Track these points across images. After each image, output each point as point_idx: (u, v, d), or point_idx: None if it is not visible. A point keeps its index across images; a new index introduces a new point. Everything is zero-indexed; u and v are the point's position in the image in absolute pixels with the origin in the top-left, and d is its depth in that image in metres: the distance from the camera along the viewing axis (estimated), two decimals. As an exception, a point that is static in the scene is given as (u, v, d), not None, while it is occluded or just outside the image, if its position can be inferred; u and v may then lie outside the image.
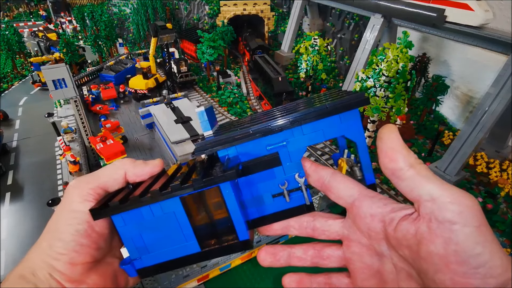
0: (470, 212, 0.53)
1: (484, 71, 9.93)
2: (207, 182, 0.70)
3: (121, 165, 0.79)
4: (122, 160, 0.81)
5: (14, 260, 6.82)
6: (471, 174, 8.97)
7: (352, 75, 11.25)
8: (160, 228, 0.76)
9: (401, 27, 10.63)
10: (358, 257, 0.76)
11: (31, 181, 9.19)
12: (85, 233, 0.73)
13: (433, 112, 11.68)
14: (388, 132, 0.68)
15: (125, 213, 0.73)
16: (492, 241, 0.52)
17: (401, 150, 0.64)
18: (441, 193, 0.56)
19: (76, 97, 8.04)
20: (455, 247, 0.52)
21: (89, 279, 0.75)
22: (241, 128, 0.80)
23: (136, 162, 0.81)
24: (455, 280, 0.52)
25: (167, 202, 0.74)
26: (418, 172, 0.61)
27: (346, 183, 0.77)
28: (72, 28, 22.99)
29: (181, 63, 13.30)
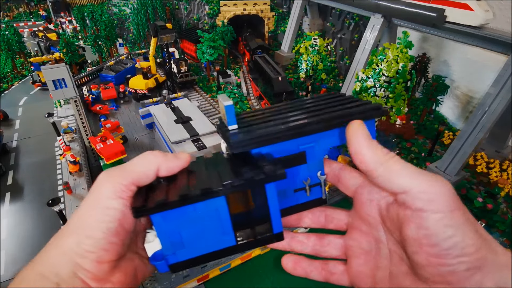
0: (441, 199, 0.57)
1: (484, 71, 9.93)
2: (260, 181, 0.71)
3: (154, 159, 0.76)
4: (154, 152, 0.78)
5: (14, 260, 6.82)
6: (471, 174, 8.97)
7: (352, 75, 11.24)
8: (199, 223, 0.76)
9: (401, 27, 10.63)
10: (357, 243, 0.82)
11: (31, 181, 9.18)
12: (116, 231, 0.69)
13: (433, 112, 11.68)
14: (352, 133, 0.71)
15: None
16: (465, 223, 0.57)
17: (367, 151, 0.67)
18: (412, 185, 0.60)
19: (76, 97, 8.04)
20: (426, 232, 0.57)
21: (113, 277, 0.72)
22: (269, 124, 0.81)
23: (167, 156, 0.78)
24: (430, 260, 0.57)
25: (213, 199, 0.74)
26: (388, 168, 0.64)
27: (352, 173, 0.83)
28: (72, 28, 22.99)
29: (181, 63, 13.30)
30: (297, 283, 6.82)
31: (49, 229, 7.51)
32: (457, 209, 0.58)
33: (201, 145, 8.60)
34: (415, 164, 9.55)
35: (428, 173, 0.62)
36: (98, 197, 0.70)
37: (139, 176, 0.73)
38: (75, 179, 8.81)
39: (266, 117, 0.87)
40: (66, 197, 8.27)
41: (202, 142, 8.72)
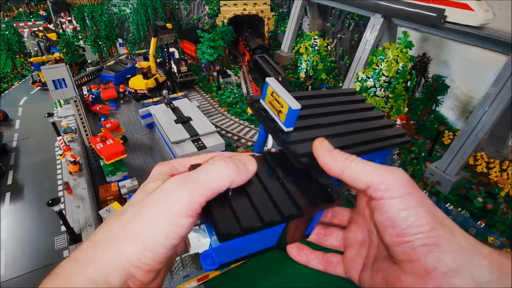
0: (396, 187, 0.67)
1: (484, 71, 9.93)
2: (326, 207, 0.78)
3: (228, 173, 0.69)
4: (227, 164, 0.70)
5: (14, 260, 6.83)
6: (471, 174, 8.97)
7: (352, 75, 11.25)
8: (255, 236, 0.74)
9: (401, 27, 10.64)
10: (353, 235, 0.91)
11: (31, 181, 9.18)
12: (174, 246, 0.66)
13: (433, 112, 11.68)
14: (316, 150, 0.77)
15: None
16: (418, 205, 0.66)
17: (330, 161, 0.75)
18: (373, 179, 0.69)
19: (76, 97, 8.04)
20: (387, 216, 0.67)
21: (154, 282, 0.70)
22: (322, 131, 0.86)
23: (239, 168, 0.71)
24: (393, 240, 0.67)
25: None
26: (350, 172, 0.73)
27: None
28: (72, 28, 22.99)
29: (181, 63, 13.30)
30: (297, 283, 6.82)
31: (49, 229, 7.51)
32: (410, 194, 0.67)
33: (201, 145, 8.61)
34: (415, 164, 9.54)
35: (386, 167, 0.71)
36: (169, 210, 0.64)
37: (213, 192, 0.68)
38: (75, 179, 8.81)
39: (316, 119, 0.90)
40: (66, 197, 8.28)
41: (202, 142, 8.72)
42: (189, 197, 0.64)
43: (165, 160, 0.81)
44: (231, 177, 0.69)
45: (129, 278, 0.64)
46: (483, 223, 7.65)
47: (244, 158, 0.76)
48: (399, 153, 10.10)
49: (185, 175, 0.68)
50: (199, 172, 0.68)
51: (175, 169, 0.80)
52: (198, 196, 0.65)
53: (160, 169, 0.79)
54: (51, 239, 7.24)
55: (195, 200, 0.64)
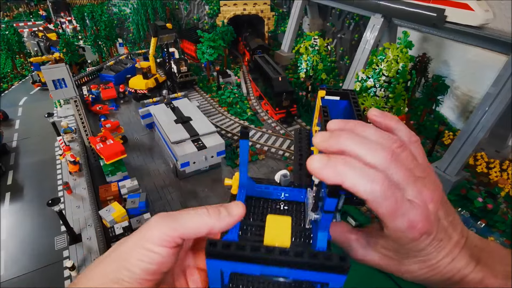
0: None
1: (484, 71, 9.92)
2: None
3: (208, 220, 0.75)
4: (207, 210, 0.77)
5: (14, 260, 6.83)
6: (471, 174, 8.96)
7: (352, 75, 11.24)
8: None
9: (401, 27, 10.63)
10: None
11: (31, 181, 9.18)
12: (152, 271, 0.75)
13: (433, 112, 11.68)
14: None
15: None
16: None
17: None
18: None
19: (76, 97, 8.04)
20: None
21: None
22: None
23: (221, 215, 0.77)
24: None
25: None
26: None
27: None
28: (72, 28, 22.98)
29: (181, 63, 13.30)
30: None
31: (49, 229, 7.51)
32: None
33: (201, 145, 8.61)
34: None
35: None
36: (145, 238, 0.75)
37: (188, 232, 0.75)
38: (75, 179, 8.81)
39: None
40: (66, 197, 8.28)
41: (202, 142, 8.72)
42: (164, 229, 0.73)
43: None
44: (210, 222, 0.75)
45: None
46: (483, 223, 7.65)
47: (230, 204, 0.81)
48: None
49: (168, 214, 0.78)
50: (181, 213, 0.78)
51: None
52: (172, 231, 0.73)
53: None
54: (51, 239, 7.24)
55: (167, 233, 0.73)
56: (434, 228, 0.75)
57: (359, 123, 0.76)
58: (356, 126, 0.76)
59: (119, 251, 0.78)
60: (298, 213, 0.90)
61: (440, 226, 0.77)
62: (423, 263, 0.79)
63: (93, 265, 0.80)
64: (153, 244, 0.74)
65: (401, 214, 0.69)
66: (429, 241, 0.75)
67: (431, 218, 0.73)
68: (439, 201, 0.77)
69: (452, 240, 0.79)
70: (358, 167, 0.66)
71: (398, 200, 0.68)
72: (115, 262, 0.76)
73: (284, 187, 0.92)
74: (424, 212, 0.71)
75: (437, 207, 0.76)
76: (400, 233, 0.73)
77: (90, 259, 6.64)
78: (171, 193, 8.43)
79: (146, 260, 0.73)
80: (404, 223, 0.70)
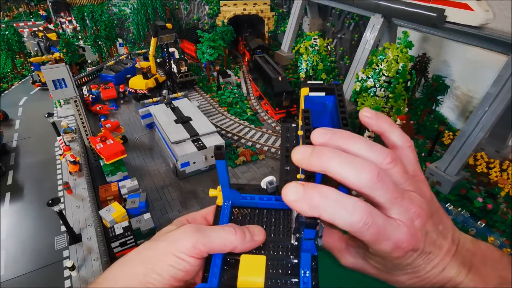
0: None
1: (484, 71, 9.92)
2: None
3: (234, 240, 0.81)
4: (236, 233, 0.82)
5: (14, 260, 6.83)
6: (471, 174, 8.96)
7: (352, 75, 11.25)
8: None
9: (401, 27, 10.63)
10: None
11: (31, 181, 9.18)
12: (180, 279, 0.79)
13: (433, 112, 11.68)
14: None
15: None
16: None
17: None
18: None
19: (76, 97, 8.04)
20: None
21: None
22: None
23: (245, 239, 0.82)
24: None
25: None
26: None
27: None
28: (72, 28, 22.99)
29: (181, 63, 13.30)
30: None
31: (49, 229, 7.51)
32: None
33: (201, 145, 8.61)
34: (415, 164, 9.60)
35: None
36: (177, 247, 0.79)
37: (215, 248, 0.81)
38: (75, 179, 8.81)
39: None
40: (66, 197, 8.28)
41: (202, 142, 8.73)
42: (194, 242, 0.78)
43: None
44: (235, 244, 0.81)
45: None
46: (483, 223, 7.65)
47: (255, 229, 0.85)
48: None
49: (198, 227, 0.83)
50: (210, 229, 0.83)
51: (189, 217, 0.97)
52: (201, 245, 0.79)
53: (178, 219, 0.97)
54: (51, 239, 7.24)
55: (198, 246, 0.78)
56: (421, 243, 0.73)
57: (346, 136, 0.71)
58: (343, 139, 0.70)
59: (147, 256, 0.80)
60: (286, 222, 0.89)
61: (428, 240, 0.74)
62: (412, 274, 0.78)
63: (116, 267, 0.82)
64: (184, 253, 0.78)
65: (385, 239, 0.68)
66: (415, 256, 0.74)
67: (417, 235, 0.71)
68: (427, 215, 0.74)
69: (442, 250, 0.77)
70: (335, 200, 0.63)
71: (381, 227, 0.66)
72: (142, 266, 0.78)
73: (270, 195, 0.91)
74: (409, 230, 0.69)
75: (424, 221, 0.73)
76: (385, 254, 0.72)
77: (90, 259, 6.64)
78: (171, 193, 8.44)
79: (177, 267, 0.78)
80: (389, 246, 0.69)
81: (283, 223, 0.89)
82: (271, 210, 0.92)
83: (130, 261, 0.81)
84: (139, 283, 0.76)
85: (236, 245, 0.80)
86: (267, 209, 0.93)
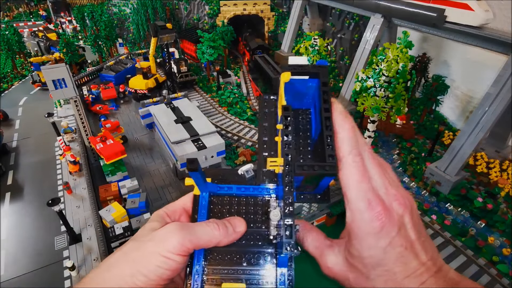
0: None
1: (484, 71, 9.93)
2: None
3: (218, 235, 0.84)
4: (219, 228, 0.85)
5: (14, 260, 6.83)
6: (471, 174, 8.96)
7: (352, 75, 11.25)
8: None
9: (401, 27, 10.63)
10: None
11: (31, 181, 9.18)
12: (167, 277, 0.80)
13: (433, 112, 11.68)
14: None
15: None
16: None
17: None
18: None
19: (76, 97, 8.04)
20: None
21: None
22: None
23: (228, 232, 0.85)
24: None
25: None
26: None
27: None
28: (72, 28, 23.00)
29: (181, 63, 13.30)
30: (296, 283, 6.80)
31: (49, 229, 7.51)
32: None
33: (201, 145, 8.61)
34: (415, 164, 9.53)
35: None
36: (164, 246, 0.80)
37: (201, 244, 0.84)
38: (75, 179, 8.81)
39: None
40: (66, 197, 8.27)
41: (202, 142, 8.72)
42: (182, 240, 0.80)
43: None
44: (219, 239, 0.84)
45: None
46: (483, 223, 7.65)
47: (235, 221, 0.88)
48: (399, 153, 10.10)
49: (183, 225, 0.85)
50: (195, 226, 0.85)
51: (168, 210, 0.97)
52: (188, 242, 0.81)
53: (157, 212, 0.96)
54: (51, 239, 7.24)
55: (185, 244, 0.80)
56: (395, 226, 0.74)
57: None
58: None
59: (134, 257, 0.81)
60: (264, 208, 0.89)
61: (403, 232, 0.75)
62: (388, 277, 0.77)
63: (103, 267, 0.82)
64: (172, 252, 0.79)
65: (363, 190, 0.73)
66: (389, 239, 0.73)
67: (392, 213, 0.74)
68: (409, 208, 0.77)
69: (419, 258, 0.76)
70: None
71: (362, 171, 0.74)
72: (129, 267, 0.79)
73: (247, 186, 0.91)
74: (385, 204, 0.74)
75: (404, 211, 0.76)
76: (360, 214, 0.74)
77: (90, 259, 6.64)
78: (171, 193, 8.43)
79: (164, 267, 0.79)
80: (364, 202, 0.73)
81: (261, 209, 0.90)
82: (249, 197, 0.93)
83: (117, 262, 0.82)
84: (125, 284, 0.77)
85: (220, 240, 0.84)
86: (247, 197, 0.93)
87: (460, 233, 7.42)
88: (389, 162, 9.80)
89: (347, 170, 0.75)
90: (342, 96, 11.92)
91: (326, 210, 7.79)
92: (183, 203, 0.99)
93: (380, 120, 9.90)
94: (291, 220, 0.67)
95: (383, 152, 10.20)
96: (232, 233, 0.85)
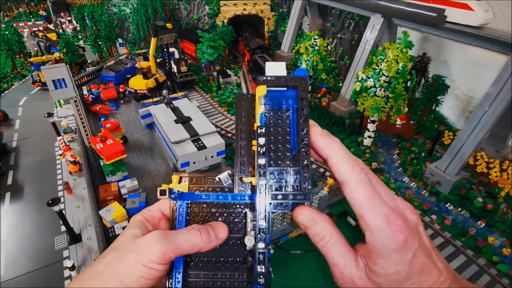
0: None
1: (484, 71, 9.92)
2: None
3: (200, 242, 0.84)
4: (201, 235, 0.85)
5: (14, 260, 6.83)
6: (471, 174, 8.96)
7: (352, 75, 11.24)
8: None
9: (401, 27, 10.63)
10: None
11: (31, 181, 9.19)
12: (149, 287, 0.81)
13: (433, 112, 11.68)
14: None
15: None
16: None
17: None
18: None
19: (76, 97, 8.04)
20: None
21: None
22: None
23: (211, 239, 0.86)
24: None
25: None
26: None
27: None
28: (72, 28, 23.00)
29: (181, 63, 13.30)
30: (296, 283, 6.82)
31: (49, 229, 7.51)
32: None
33: (201, 145, 8.61)
34: (415, 164, 9.51)
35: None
36: (146, 256, 0.80)
37: (183, 252, 0.84)
38: (75, 179, 8.81)
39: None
40: (66, 197, 8.27)
41: (202, 142, 8.72)
42: (164, 250, 0.80)
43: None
44: (201, 245, 0.85)
45: None
46: (483, 223, 7.65)
47: (218, 226, 0.88)
48: (399, 153, 10.10)
49: (165, 233, 0.84)
50: (177, 234, 0.85)
51: (147, 216, 0.95)
52: (170, 252, 0.81)
53: (135, 217, 0.94)
54: (51, 239, 7.24)
55: (167, 253, 0.80)
56: (416, 237, 0.73)
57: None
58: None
59: (117, 268, 0.81)
60: (242, 216, 0.90)
61: (421, 241, 0.76)
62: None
63: (85, 279, 0.82)
64: (154, 262, 0.79)
65: (377, 207, 0.73)
66: (412, 252, 0.73)
67: (409, 223, 0.73)
68: (417, 214, 0.79)
69: (437, 266, 0.77)
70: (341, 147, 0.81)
71: (371, 187, 0.73)
72: (112, 279, 0.79)
73: (225, 194, 0.91)
74: (401, 214, 0.73)
75: (417, 218, 0.77)
76: (381, 233, 0.72)
77: (90, 259, 6.64)
78: (171, 193, 8.43)
79: (147, 277, 0.79)
80: (382, 218, 0.72)
81: (240, 217, 0.91)
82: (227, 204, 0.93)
83: (99, 274, 0.81)
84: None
85: (202, 246, 0.85)
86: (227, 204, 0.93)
87: (460, 233, 7.41)
88: (389, 162, 9.81)
89: (354, 191, 0.75)
90: (342, 96, 11.91)
91: (326, 210, 7.79)
92: (160, 207, 0.97)
93: (380, 120, 9.90)
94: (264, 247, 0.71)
95: (383, 152, 10.20)
96: (214, 239, 0.86)
